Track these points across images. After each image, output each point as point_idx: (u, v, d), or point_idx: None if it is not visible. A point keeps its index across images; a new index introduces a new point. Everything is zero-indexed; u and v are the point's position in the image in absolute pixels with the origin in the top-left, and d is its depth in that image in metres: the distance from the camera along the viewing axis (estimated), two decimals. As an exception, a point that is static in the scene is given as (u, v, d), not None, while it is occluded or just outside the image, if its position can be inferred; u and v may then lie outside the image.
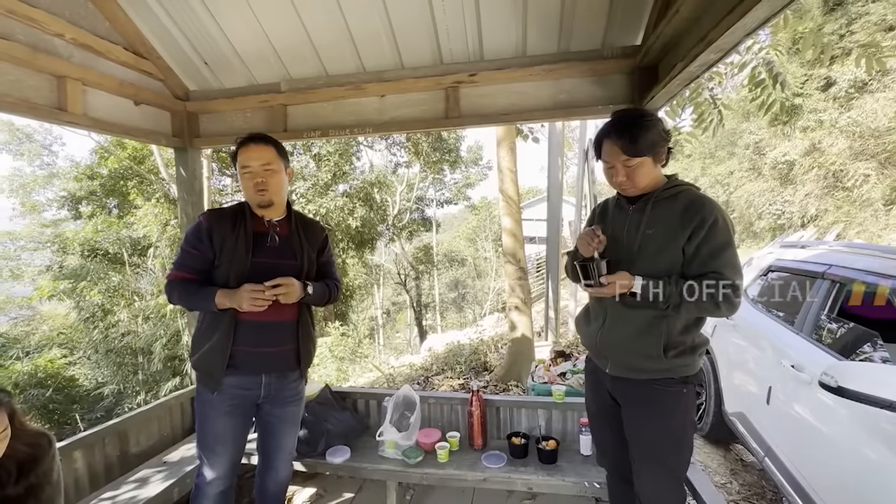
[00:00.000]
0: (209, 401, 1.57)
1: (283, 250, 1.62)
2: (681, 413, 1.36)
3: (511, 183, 4.97)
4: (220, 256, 1.54)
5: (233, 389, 1.57)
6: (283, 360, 1.64)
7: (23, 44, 1.67)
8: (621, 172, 1.35)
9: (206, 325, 1.57)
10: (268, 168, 1.56)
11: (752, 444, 2.47)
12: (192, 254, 1.55)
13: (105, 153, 10.21)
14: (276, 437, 1.69)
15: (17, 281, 12.49)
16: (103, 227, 10.39)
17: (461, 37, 2.04)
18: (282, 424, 1.69)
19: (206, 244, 1.54)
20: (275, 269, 1.54)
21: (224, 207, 1.65)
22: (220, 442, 1.58)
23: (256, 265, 1.54)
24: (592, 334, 1.50)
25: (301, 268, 1.62)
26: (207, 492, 1.60)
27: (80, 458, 1.94)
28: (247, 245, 1.54)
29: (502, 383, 4.65)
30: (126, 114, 2.18)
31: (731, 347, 2.95)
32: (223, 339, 1.52)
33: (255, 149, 1.56)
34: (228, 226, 1.56)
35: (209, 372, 1.55)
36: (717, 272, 1.25)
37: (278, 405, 1.66)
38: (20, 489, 1.11)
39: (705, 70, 1.44)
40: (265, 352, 1.58)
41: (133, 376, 8.85)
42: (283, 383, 1.65)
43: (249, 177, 1.55)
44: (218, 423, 1.57)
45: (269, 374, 1.61)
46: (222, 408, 1.57)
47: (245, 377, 1.58)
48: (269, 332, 1.58)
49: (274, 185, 1.57)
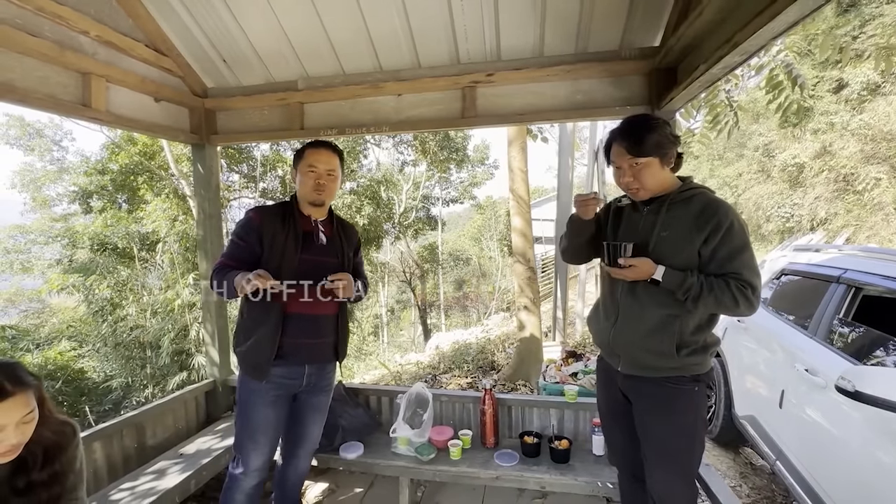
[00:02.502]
0: (255, 390, 1.62)
1: (327, 249, 1.71)
2: (692, 411, 1.38)
3: (522, 182, 4.97)
4: (269, 252, 1.59)
5: (279, 379, 1.63)
6: (324, 351, 1.73)
7: (50, 41, 1.70)
8: (628, 173, 1.38)
9: (252, 316, 1.62)
10: (331, 173, 1.68)
11: (763, 448, 2.47)
12: (240, 245, 1.61)
13: (116, 149, 10.30)
14: (303, 426, 1.76)
15: (28, 274, 12.64)
16: (113, 221, 10.49)
17: (479, 37, 2.04)
18: (311, 413, 1.76)
19: (254, 238, 1.60)
20: (320, 267, 1.63)
21: (272, 205, 1.74)
22: (262, 432, 1.63)
23: (304, 262, 1.62)
24: (605, 331, 1.51)
25: (342, 266, 1.71)
26: (243, 484, 1.64)
27: (99, 448, 1.97)
28: (296, 243, 1.62)
29: (510, 382, 4.66)
30: (146, 110, 2.21)
31: (742, 350, 2.94)
32: (272, 330, 1.58)
33: (325, 153, 1.68)
34: (278, 223, 1.63)
35: (256, 362, 1.60)
36: (735, 273, 1.27)
37: (314, 394, 1.75)
38: (45, 475, 1.13)
39: (728, 72, 1.44)
40: (310, 343, 1.66)
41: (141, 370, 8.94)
42: (322, 374, 1.75)
43: (313, 176, 1.65)
44: (262, 414, 1.63)
45: (311, 365, 1.69)
46: (267, 398, 1.63)
47: (290, 367, 1.65)
48: (314, 324, 1.67)
49: (330, 189, 1.69)
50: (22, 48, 1.63)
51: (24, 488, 1.10)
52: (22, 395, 1.03)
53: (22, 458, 1.09)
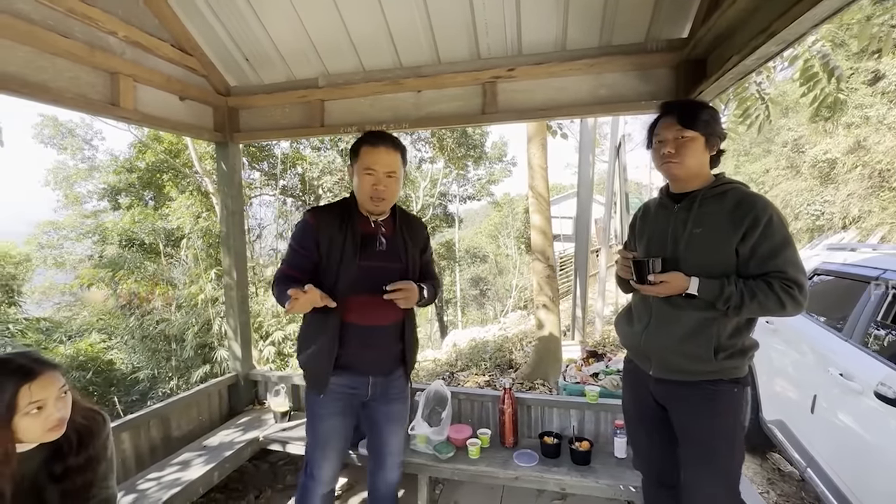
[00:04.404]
0: (318, 402, 1.56)
1: (389, 252, 1.54)
2: (732, 413, 1.32)
3: (541, 180, 4.91)
4: (327, 259, 1.49)
5: (341, 389, 1.55)
6: (389, 362, 1.60)
7: (81, 41, 1.74)
8: (671, 144, 1.32)
9: (311, 325, 1.55)
10: (391, 175, 1.48)
11: (793, 454, 2.38)
12: (300, 252, 1.51)
13: (143, 147, 10.59)
14: (382, 436, 1.66)
15: (60, 269, 13.14)
16: (140, 218, 10.80)
17: (500, 31, 2.01)
18: (387, 423, 1.65)
19: (311, 244, 1.50)
20: (382, 273, 1.47)
21: (330, 205, 1.60)
22: (330, 444, 1.58)
23: (364, 269, 1.48)
24: (636, 335, 1.46)
25: (407, 270, 1.55)
26: (316, 490, 1.61)
27: (128, 439, 2.03)
28: (355, 248, 1.48)
29: (529, 381, 4.62)
30: (172, 109, 2.25)
31: (770, 352, 2.84)
32: (329, 342, 1.49)
33: (385, 152, 1.46)
34: (336, 225, 1.50)
35: (316, 374, 1.53)
36: (779, 271, 1.21)
37: (384, 402, 1.63)
38: (81, 459, 1.16)
39: (762, 63, 1.38)
40: (371, 354, 1.55)
41: (166, 362, 9.21)
42: (389, 382, 1.62)
43: (371, 180, 1.46)
44: (328, 425, 1.57)
45: (375, 375, 1.58)
46: (332, 408, 1.56)
47: (353, 377, 1.56)
48: (376, 336, 1.54)
49: (391, 193, 1.50)
50: (54, 49, 1.67)
51: (60, 474, 1.14)
52: (49, 373, 1.08)
53: (58, 444, 1.14)
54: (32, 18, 1.60)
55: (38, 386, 1.05)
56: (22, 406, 1.02)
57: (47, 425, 1.07)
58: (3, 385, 1.01)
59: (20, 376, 1.02)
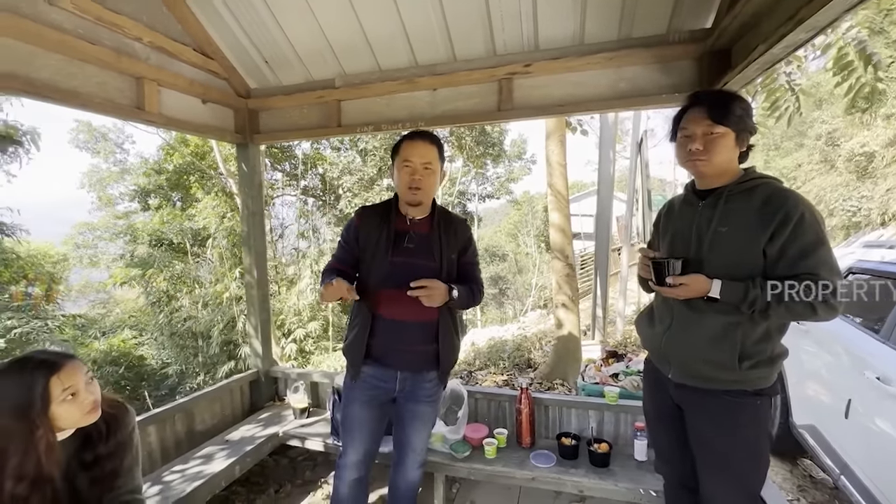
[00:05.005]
0: (350, 387, 1.66)
1: (420, 250, 1.58)
2: (756, 425, 1.25)
3: (560, 177, 4.84)
4: (364, 254, 1.60)
5: (371, 379, 1.62)
6: (421, 360, 1.61)
7: (108, 48, 1.80)
8: (699, 140, 1.24)
9: (353, 315, 1.66)
10: (427, 167, 1.54)
11: (825, 460, 2.28)
12: (344, 247, 1.65)
13: (171, 150, 10.94)
14: (404, 433, 1.70)
15: (95, 267, 13.72)
16: (168, 218, 11.17)
17: (516, 26, 1.99)
18: (412, 421, 1.68)
19: (353, 240, 1.62)
20: (412, 270, 1.51)
21: (376, 204, 1.70)
22: (355, 427, 1.66)
23: (395, 265, 1.54)
24: (656, 337, 1.41)
25: (439, 269, 1.57)
26: (344, 476, 1.68)
27: (154, 432, 2.10)
28: (388, 243, 1.55)
29: (547, 381, 4.57)
30: (194, 111, 2.31)
31: (802, 354, 2.73)
32: (361, 332, 1.58)
33: (421, 145, 1.54)
34: (375, 223, 1.59)
35: (351, 360, 1.63)
36: (810, 273, 1.12)
37: (412, 401, 1.66)
38: (110, 446, 1.21)
39: (791, 51, 1.32)
40: (401, 350, 1.58)
41: (194, 358, 9.51)
42: (418, 381, 1.63)
43: (408, 171, 1.53)
44: (354, 409, 1.65)
45: (404, 371, 1.61)
46: (360, 396, 1.64)
47: (382, 369, 1.61)
48: (406, 331, 1.57)
49: (428, 185, 1.56)
50: (83, 56, 1.74)
51: (91, 461, 1.19)
52: (71, 361, 1.14)
53: (87, 433, 1.19)
54: (65, 28, 1.67)
55: (66, 374, 1.10)
56: (56, 395, 1.08)
57: (84, 409, 1.13)
58: (33, 379, 1.06)
59: (46, 369, 1.07)
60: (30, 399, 1.05)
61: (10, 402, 1.05)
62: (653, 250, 1.43)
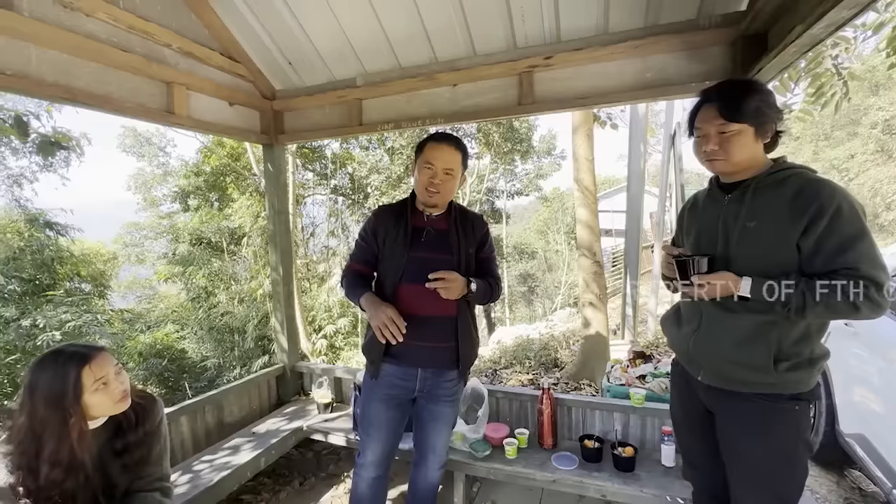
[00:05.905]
0: (369, 385, 1.66)
1: (438, 245, 1.60)
2: (792, 432, 1.16)
3: (588, 172, 4.71)
4: (382, 251, 1.61)
5: (391, 378, 1.61)
6: (441, 357, 1.60)
7: (140, 55, 1.88)
8: (714, 140, 1.17)
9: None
10: (448, 172, 1.55)
11: (876, 472, 2.11)
12: (362, 246, 1.67)
13: (208, 152, 11.41)
14: (425, 433, 1.70)
15: (141, 265, 14.56)
16: (207, 218, 11.67)
17: (537, 18, 1.94)
18: (433, 421, 1.67)
19: (371, 237, 1.64)
20: (430, 264, 1.52)
21: (393, 203, 1.71)
22: (374, 426, 1.65)
23: (412, 260, 1.56)
24: (684, 339, 1.34)
25: (457, 263, 1.58)
26: (363, 474, 1.68)
27: (185, 423, 2.19)
28: (406, 239, 1.57)
29: (574, 381, 4.48)
30: (222, 114, 2.38)
31: (850, 358, 2.54)
32: None
33: (446, 150, 1.55)
34: (392, 221, 1.61)
35: (371, 358, 1.62)
36: (850, 268, 1.04)
37: (432, 401, 1.65)
38: (140, 434, 1.27)
39: (832, 32, 1.22)
40: (422, 346, 1.57)
41: (230, 352, 9.91)
42: (438, 381, 1.62)
43: (428, 173, 1.54)
44: (373, 408, 1.64)
45: (425, 369, 1.60)
46: (379, 394, 1.63)
47: (402, 368, 1.60)
48: (426, 326, 1.55)
49: (447, 190, 1.57)
50: (116, 63, 1.82)
51: (121, 449, 1.25)
52: (101, 353, 1.19)
53: (118, 422, 1.25)
54: (100, 37, 1.76)
55: (97, 365, 1.16)
56: (88, 386, 1.14)
57: (115, 397, 1.19)
58: (66, 371, 1.12)
59: (77, 360, 1.13)
60: (63, 389, 1.11)
61: (45, 392, 1.11)
62: (676, 248, 1.35)
